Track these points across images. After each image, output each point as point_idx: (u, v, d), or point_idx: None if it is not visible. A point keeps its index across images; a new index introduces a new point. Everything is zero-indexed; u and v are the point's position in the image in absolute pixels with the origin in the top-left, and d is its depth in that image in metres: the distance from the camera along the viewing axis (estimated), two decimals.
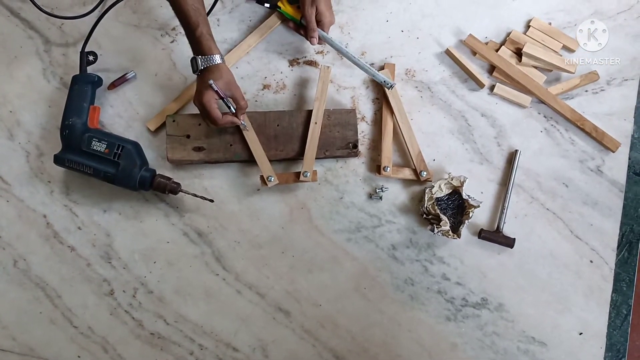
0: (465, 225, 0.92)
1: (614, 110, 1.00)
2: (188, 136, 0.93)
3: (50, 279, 0.94)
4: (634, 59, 1.02)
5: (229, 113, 0.89)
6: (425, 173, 0.95)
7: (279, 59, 1.00)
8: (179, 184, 0.91)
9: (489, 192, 0.97)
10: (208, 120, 0.88)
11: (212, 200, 0.92)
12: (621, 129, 0.99)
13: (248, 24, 1.01)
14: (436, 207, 0.92)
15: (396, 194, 0.97)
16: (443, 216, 0.91)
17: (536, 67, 1.01)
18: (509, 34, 1.02)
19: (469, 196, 0.93)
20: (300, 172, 0.92)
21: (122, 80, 0.97)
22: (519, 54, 1.00)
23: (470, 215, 0.92)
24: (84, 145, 0.90)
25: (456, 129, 0.99)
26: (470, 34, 1.00)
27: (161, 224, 0.95)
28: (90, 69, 0.96)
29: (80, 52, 0.95)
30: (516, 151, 0.97)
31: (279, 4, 0.97)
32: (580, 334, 0.94)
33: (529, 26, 1.02)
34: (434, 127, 0.99)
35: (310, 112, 0.94)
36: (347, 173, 0.97)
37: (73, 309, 0.93)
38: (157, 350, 0.93)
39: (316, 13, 0.93)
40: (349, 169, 0.97)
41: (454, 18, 1.03)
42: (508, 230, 0.95)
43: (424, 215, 0.94)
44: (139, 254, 0.94)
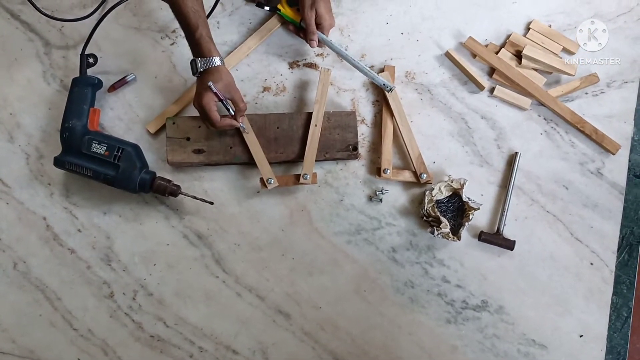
0: (465, 227, 0.92)
1: (614, 112, 1.00)
2: (188, 138, 0.93)
3: (50, 282, 0.93)
4: (633, 61, 1.02)
5: (228, 115, 0.90)
6: (425, 175, 0.95)
7: (279, 61, 1.00)
8: (179, 186, 0.91)
9: (489, 195, 0.97)
10: (207, 122, 0.88)
11: (212, 203, 0.92)
12: (621, 131, 0.99)
13: (248, 26, 1.01)
14: (436, 209, 0.92)
15: (396, 196, 0.97)
16: (443, 218, 0.91)
17: (536, 70, 1.01)
18: (508, 36, 1.02)
19: (469, 198, 0.93)
20: (300, 174, 0.92)
21: (122, 82, 0.97)
22: (518, 56, 1.00)
23: (471, 217, 0.92)
24: (83, 148, 0.90)
25: (456, 132, 0.99)
26: (470, 37, 1.00)
27: (161, 227, 0.95)
28: (90, 71, 0.96)
29: (81, 55, 0.95)
30: (516, 153, 0.97)
31: (279, 6, 0.97)
32: (581, 336, 0.94)
33: (529, 28, 1.02)
34: (434, 129, 0.99)
35: (310, 115, 0.94)
36: (347, 175, 0.97)
37: (73, 311, 0.93)
38: (157, 352, 0.92)
39: (316, 16, 0.93)
40: (349, 171, 0.97)
41: (454, 20, 1.03)
42: (508, 232, 0.95)
43: (424, 218, 0.94)
44: (139, 256, 0.94)
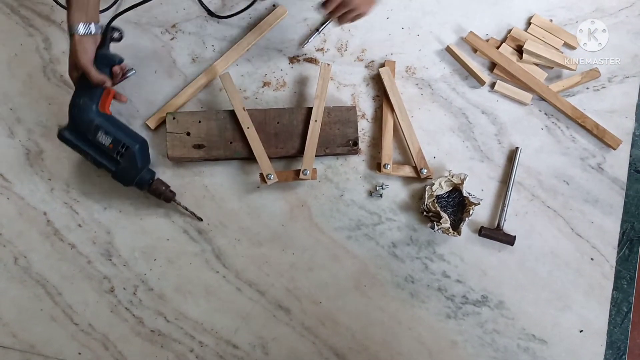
0: (465, 222, 0.92)
1: (615, 107, 1.00)
2: (188, 133, 0.93)
3: (50, 277, 0.94)
4: (635, 56, 1.01)
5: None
6: (426, 170, 0.95)
7: (279, 56, 1.00)
8: (174, 193, 0.92)
9: (490, 190, 0.97)
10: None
11: (200, 219, 0.93)
12: (622, 126, 0.99)
13: (248, 21, 1.01)
14: (436, 204, 0.92)
15: (396, 191, 0.97)
16: (443, 214, 0.91)
17: (537, 65, 1.00)
18: (509, 31, 1.01)
19: (469, 194, 0.93)
20: (300, 170, 0.92)
21: (122, 77, 0.97)
22: (519, 51, 1.00)
23: (471, 212, 0.92)
24: (90, 134, 0.86)
25: (457, 127, 0.99)
26: (471, 31, 1.00)
27: (161, 222, 0.95)
28: (113, 48, 0.90)
29: (106, 25, 0.89)
30: (517, 149, 0.97)
31: None
32: (581, 331, 0.94)
33: (530, 23, 1.02)
34: (434, 124, 0.99)
35: (310, 110, 0.94)
36: (348, 170, 0.97)
37: (74, 306, 0.93)
38: (158, 347, 0.93)
39: None
40: (349, 166, 0.97)
41: (455, 15, 1.03)
42: (508, 227, 0.95)
43: (424, 213, 0.94)
44: (140, 251, 0.94)
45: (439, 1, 1.03)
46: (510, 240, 0.94)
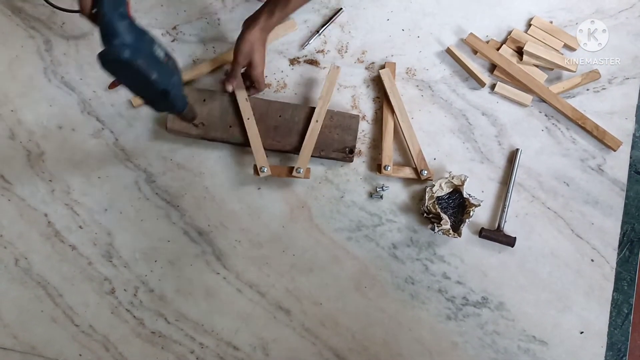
0: (465, 224, 0.92)
1: (615, 108, 1.00)
2: None
3: (51, 278, 0.94)
4: (635, 57, 1.01)
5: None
6: (426, 172, 0.95)
7: (279, 57, 1.00)
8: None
9: (490, 191, 0.97)
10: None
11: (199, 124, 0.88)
12: (622, 127, 0.99)
13: None
14: (437, 206, 0.92)
15: (397, 192, 0.97)
16: (444, 215, 0.91)
17: (537, 66, 1.00)
18: (510, 32, 1.01)
19: (469, 195, 0.93)
20: (294, 167, 0.92)
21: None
22: (520, 52, 1.00)
23: (471, 214, 0.92)
24: (146, 46, 0.65)
25: (457, 128, 0.99)
26: (471, 33, 1.00)
27: (162, 223, 0.95)
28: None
29: None
30: (517, 150, 0.97)
31: None
32: (581, 333, 0.94)
33: (530, 25, 1.02)
34: (434, 126, 0.99)
35: (313, 110, 0.94)
36: (348, 172, 0.97)
37: (74, 307, 0.93)
38: (158, 348, 0.93)
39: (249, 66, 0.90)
40: (349, 167, 0.97)
41: (455, 17, 1.03)
42: (509, 229, 0.95)
43: (425, 214, 0.94)
44: (140, 252, 0.95)
45: (439, 3, 1.03)
46: (510, 241, 0.94)
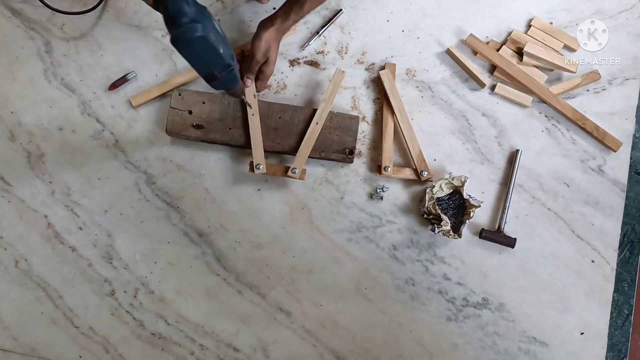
0: (466, 225, 0.92)
1: (615, 109, 1.00)
2: (190, 112, 0.93)
3: (51, 280, 0.94)
4: (635, 58, 1.01)
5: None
6: (426, 173, 0.95)
7: (279, 59, 1.00)
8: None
9: (490, 192, 0.97)
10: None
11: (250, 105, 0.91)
12: (622, 128, 0.99)
13: (248, 24, 1.01)
14: (437, 207, 0.92)
15: (397, 194, 0.97)
16: (444, 216, 0.91)
17: (537, 67, 1.00)
18: (510, 33, 1.01)
19: (469, 196, 0.93)
20: (290, 167, 0.92)
21: (123, 80, 0.97)
22: (520, 53, 1.00)
23: (471, 215, 0.92)
24: (209, 22, 0.65)
25: (457, 129, 0.99)
26: (471, 34, 1.00)
27: (162, 224, 0.95)
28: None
29: None
30: (517, 151, 0.97)
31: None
32: (582, 334, 0.94)
33: (530, 25, 1.02)
34: (434, 126, 0.99)
35: (314, 111, 0.94)
36: (348, 173, 0.97)
37: (74, 309, 0.93)
38: (158, 350, 0.93)
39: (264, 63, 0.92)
40: (349, 169, 0.97)
41: (455, 18, 1.03)
42: (509, 230, 0.95)
43: (425, 215, 0.94)
44: (140, 254, 0.95)
45: (439, 4, 1.03)
46: (510, 242, 0.94)
